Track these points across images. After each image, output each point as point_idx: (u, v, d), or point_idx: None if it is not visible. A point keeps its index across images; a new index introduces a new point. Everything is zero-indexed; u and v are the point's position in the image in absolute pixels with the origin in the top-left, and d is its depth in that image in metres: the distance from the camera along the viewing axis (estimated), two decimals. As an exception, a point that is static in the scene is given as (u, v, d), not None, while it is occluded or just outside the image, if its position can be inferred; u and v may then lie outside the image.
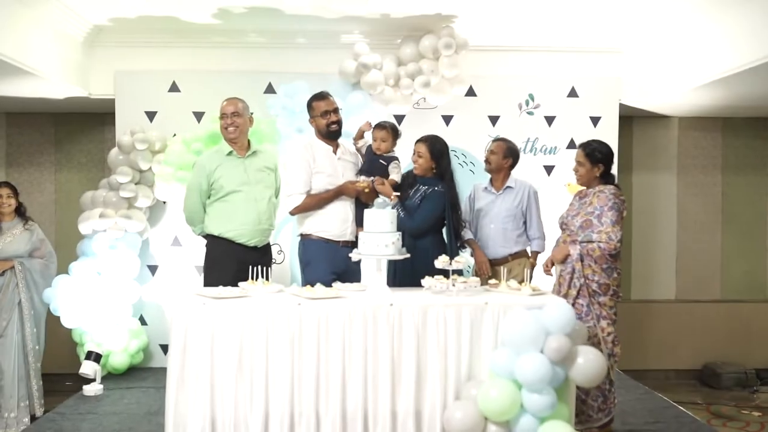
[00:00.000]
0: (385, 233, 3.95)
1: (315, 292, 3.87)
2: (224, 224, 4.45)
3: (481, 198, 4.85)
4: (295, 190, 4.44)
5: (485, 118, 6.05)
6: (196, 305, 3.71)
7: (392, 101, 5.58)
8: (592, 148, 4.40)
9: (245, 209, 4.47)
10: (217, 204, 4.48)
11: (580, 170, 4.41)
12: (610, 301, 4.28)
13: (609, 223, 4.19)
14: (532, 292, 4.00)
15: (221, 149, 4.54)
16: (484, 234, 4.78)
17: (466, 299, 3.84)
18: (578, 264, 4.23)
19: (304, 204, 4.44)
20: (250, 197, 4.48)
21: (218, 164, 4.46)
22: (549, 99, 6.07)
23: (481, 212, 4.81)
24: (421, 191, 4.48)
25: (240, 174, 4.48)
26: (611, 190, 4.31)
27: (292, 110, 5.45)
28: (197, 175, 4.50)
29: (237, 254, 4.40)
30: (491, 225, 4.75)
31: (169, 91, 5.89)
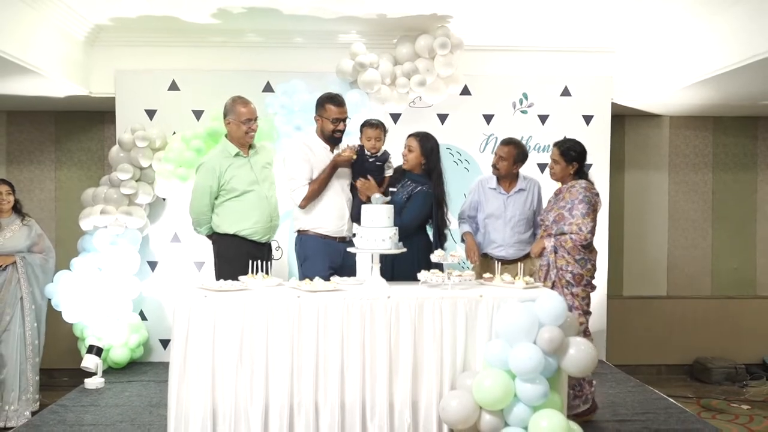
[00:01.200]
0: (382, 228, 4.03)
1: (314, 285, 3.96)
2: (239, 223, 4.55)
3: (490, 200, 4.79)
4: (298, 183, 4.51)
5: (480, 117, 6.12)
6: (198, 298, 3.79)
7: (388, 100, 5.66)
8: (567, 147, 4.53)
9: (259, 208, 4.58)
10: (229, 204, 4.56)
11: (555, 168, 4.54)
12: (583, 292, 4.39)
13: (579, 216, 4.31)
14: (526, 286, 4.10)
15: (227, 150, 4.59)
16: (497, 237, 4.74)
17: (461, 292, 3.93)
18: (552, 255, 4.36)
19: (310, 192, 4.50)
20: (261, 195, 4.59)
21: (228, 165, 4.53)
22: (542, 98, 6.14)
23: (492, 216, 4.76)
24: (408, 188, 4.53)
25: (249, 173, 4.57)
26: (582, 184, 4.43)
27: (290, 108, 5.52)
28: (207, 177, 4.53)
29: (249, 251, 4.47)
30: (505, 230, 4.73)
31: (168, 89, 5.95)
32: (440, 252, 4.19)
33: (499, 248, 4.76)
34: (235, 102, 4.63)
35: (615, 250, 6.73)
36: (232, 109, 4.60)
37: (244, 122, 4.56)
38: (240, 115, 4.57)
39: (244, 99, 4.66)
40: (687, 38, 5.48)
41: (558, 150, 4.51)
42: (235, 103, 4.62)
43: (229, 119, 4.60)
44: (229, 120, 4.60)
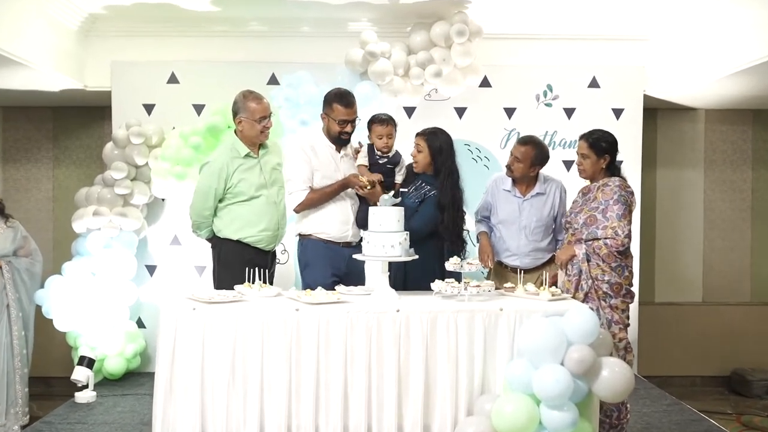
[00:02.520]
0: (392, 233, 3.64)
1: (314, 297, 3.57)
2: (244, 230, 4.19)
3: (503, 203, 4.35)
4: (296, 187, 4.16)
5: (500, 111, 5.77)
6: (186, 310, 3.44)
7: (402, 92, 5.28)
8: (596, 138, 4.09)
9: (267, 215, 4.22)
10: (234, 208, 4.20)
11: (584, 163, 4.10)
12: (623, 303, 3.96)
13: (615, 218, 3.88)
14: (551, 297, 3.68)
15: (236, 149, 4.20)
16: (511, 245, 4.32)
17: (479, 305, 3.53)
18: (585, 264, 3.92)
19: (308, 200, 4.15)
20: (270, 201, 4.23)
21: (237, 167, 4.16)
22: (568, 90, 5.77)
23: (505, 222, 4.33)
24: (422, 191, 4.15)
25: (258, 176, 4.21)
26: (616, 182, 4.00)
27: (295, 102, 5.16)
28: (212, 179, 4.16)
29: (251, 258, 4.13)
30: (519, 237, 4.30)
31: (167, 82, 5.66)
32: (456, 259, 3.78)
33: (513, 257, 4.32)
34: (247, 98, 4.22)
35: (647, 253, 6.33)
36: (244, 106, 4.20)
37: (259, 120, 4.17)
38: (254, 113, 4.17)
39: (257, 94, 4.27)
40: (726, 25, 5.07)
41: (586, 142, 4.07)
42: (246, 99, 4.21)
43: (241, 117, 4.20)
44: (241, 118, 4.20)
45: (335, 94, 4.18)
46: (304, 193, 4.14)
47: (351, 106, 4.16)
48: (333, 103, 4.14)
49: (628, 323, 4.01)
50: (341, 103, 4.14)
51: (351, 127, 4.18)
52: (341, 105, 4.13)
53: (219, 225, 4.26)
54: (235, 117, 4.22)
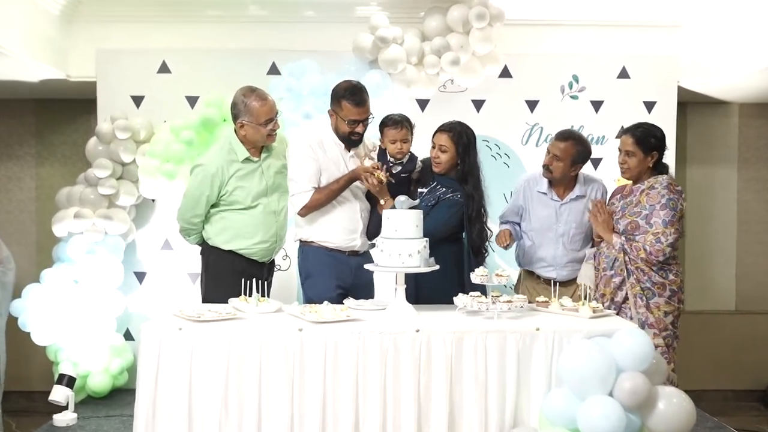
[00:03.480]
0: (410, 240, 3.17)
1: (320, 314, 3.10)
2: (236, 241, 3.76)
3: (538, 207, 3.89)
4: (301, 188, 3.69)
5: (522, 103, 5.32)
6: (171, 330, 2.98)
7: (415, 82, 4.82)
8: (644, 132, 3.63)
9: (265, 226, 3.79)
10: (227, 215, 3.77)
11: (630, 162, 3.64)
12: (667, 305, 3.49)
13: (660, 224, 3.44)
14: (593, 314, 3.20)
15: (234, 152, 3.74)
16: (546, 254, 3.86)
17: (511, 323, 3.07)
18: (622, 255, 3.44)
19: (314, 200, 3.68)
20: (269, 210, 3.79)
21: (233, 172, 3.71)
22: (596, 81, 5.34)
23: (540, 229, 3.87)
24: (437, 193, 3.67)
25: (257, 183, 3.77)
26: (664, 183, 3.54)
27: (298, 93, 4.72)
28: (203, 184, 3.71)
29: (245, 269, 3.69)
30: (557, 246, 3.84)
31: (158, 72, 5.21)
32: (482, 271, 3.31)
33: (549, 268, 3.86)
34: (248, 98, 3.73)
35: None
36: (246, 107, 3.72)
37: (264, 124, 3.70)
38: (258, 116, 3.70)
39: (260, 92, 3.79)
40: (765, 11, 4.65)
41: (632, 137, 3.61)
42: (248, 99, 3.73)
43: (243, 121, 3.73)
44: (243, 122, 3.73)
45: (344, 90, 3.67)
46: (308, 194, 3.67)
47: (363, 104, 3.66)
48: (342, 101, 3.65)
49: (670, 330, 3.52)
50: (351, 101, 3.64)
51: (362, 128, 3.71)
52: (351, 103, 3.64)
53: (209, 232, 3.81)
54: (235, 120, 3.75)
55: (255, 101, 3.71)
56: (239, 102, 3.74)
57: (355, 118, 3.65)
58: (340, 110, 3.66)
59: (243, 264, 3.74)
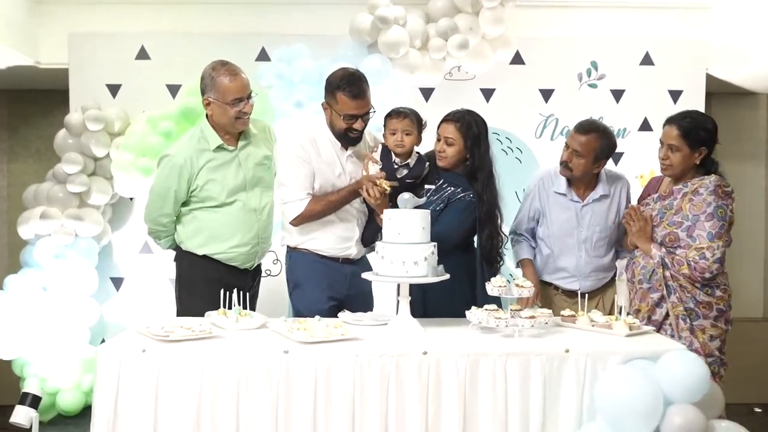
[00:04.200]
0: (415, 245, 2.72)
1: (310, 331, 2.65)
2: (211, 244, 3.31)
3: (555, 209, 3.41)
4: (293, 195, 3.22)
5: (535, 93, 4.92)
6: (132, 353, 2.52)
7: (419, 68, 4.39)
8: (692, 124, 3.17)
9: (244, 226, 3.32)
10: (200, 214, 3.32)
11: (673, 158, 3.17)
12: (713, 327, 3.07)
13: (706, 238, 2.99)
14: (630, 332, 2.75)
15: (205, 139, 3.29)
16: (567, 263, 3.39)
17: (535, 344, 2.63)
18: (661, 270, 3.01)
19: (309, 210, 3.21)
20: (249, 207, 3.33)
21: (205, 163, 3.26)
22: (617, 68, 4.94)
23: (559, 234, 3.40)
24: (445, 193, 3.20)
25: (234, 176, 3.30)
26: (711, 185, 3.10)
27: (289, 80, 4.30)
28: (171, 178, 3.26)
29: (224, 278, 3.26)
30: (579, 254, 3.37)
31: (136, 58, 4.80)
32: (500, 281, 2.85)
33: (570, 279, 3.39)
34: (217, 71, 3.28)
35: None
36: (214, 82, 3.26)
37: (232, 103, 3.23)
38: (225, 93, 3.24)
39: (231, 67, 3.33)
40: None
41: (678, 129, 3.15)
42: (217, 72, 3.28)
43: (210, 97, 3.28)
44: (210, 98, 3.28)
45: (341, 79, 3.18)
46: (302, 203, 3.20)
47: (361, 95, 3.17)
48: (337, 92, 3.16)
49: (716, 356, 3.09)
50: (348, 93, 3.14)
51: (361, 124, 3.23)
52: (348, 95, 3.14)
53: (181, 234, 3.37)
54: (203, 96, 3.31)
55: (223, 76, 3.25)
56: (207, 76, 3.29)
57: (353, 112, 3.16)
58: (335, 103, 3.18)
59: (221, 271, 3.29)
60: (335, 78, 3.20)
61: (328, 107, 3.24)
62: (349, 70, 3.25)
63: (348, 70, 3.26)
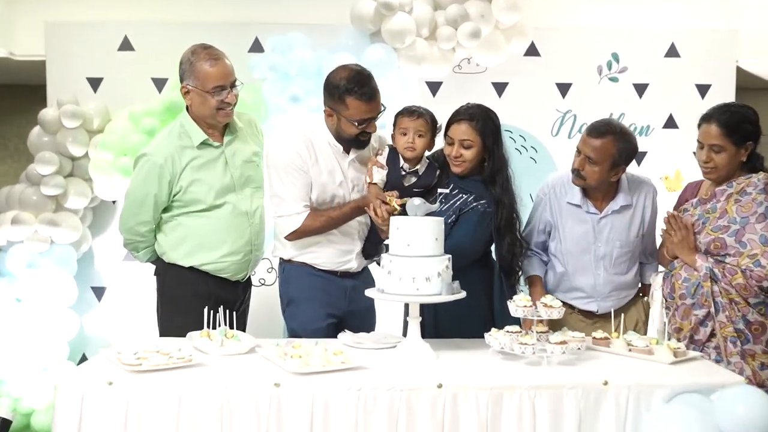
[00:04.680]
0: (427, 258, 2.36)
1: (305, 359, 2.29)
2: (198, 254, 2.95)
3: (569, 222, 2.99)
4: (289, 208, 2.85)
5: (552, 87, 4.59)
6: (97, 386, 2.15)
7: (426, 59, 4.03)
8: (733, 118, 2.83)
9: (235, 231, 2.97)
10: (185, 220, 2.96)
11: (717, 159, 2.80)
12: (765, 354, 2.69)
13: (758, 241, 2.67)
14: (675, 358, 2.38)
15: (187, 135, 2.93)
16: (583, 283, 2.99)
17: (567, 373, 2.27)
18: (708, 284, 2.66)
19: (306, 226, 2.84)
20: (239, 210, 2.97)
21: (188, 162, 2.90)
22: (640, 60, 4.63)
23: (574, 251, 2.99)
24: (456, 202, 2.82)
25: (221, 175, 2.94)
26: (760, 184, 2.77)
27: (284, 72, 3.95)
28: (149, 181, 2.90)
29: (212, 292, 2.92)
30: (597, 272, 2.97)
31: (119, 49, 4.47)
32: (524, 299, 2.49)
33: (587, 300, 2.99)
34: (198, 55, 2.92)
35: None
36: (193, 68, 2.90)
37: (213, 91, 2.86)
38: (206, 80, 2.87)
39: (213, 51, 2.96)
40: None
41: (719, 127, 2.78)
42: (196, 57, 2.92)
43: (188, 85, 2.92)
44: (188, 86, 2.92)
45: (349, 81, 2.75)
46: (299, 217, 2.83)
47: (374, 96, 2.78)
48: (347, 97, 2.76)
49: None
50: (360, 96, 2.75)
51: (373, 125, 2.86)
52: (361, 98, 2.75)
53: (163, 244, 3.01)
54: (181, 84, 2.95)
55: (204, 61, 2.88)
56: (185, 61, 2.93)
57: (367, 116, 2.78)
58: (345, 109, 2.77)
59: (209, 285, 2.94)
60: (341, 80, 2.77)
61: (333, 113, 2.82)
62: (355, 69, 2.84)
63: (353, 68, 2.84)
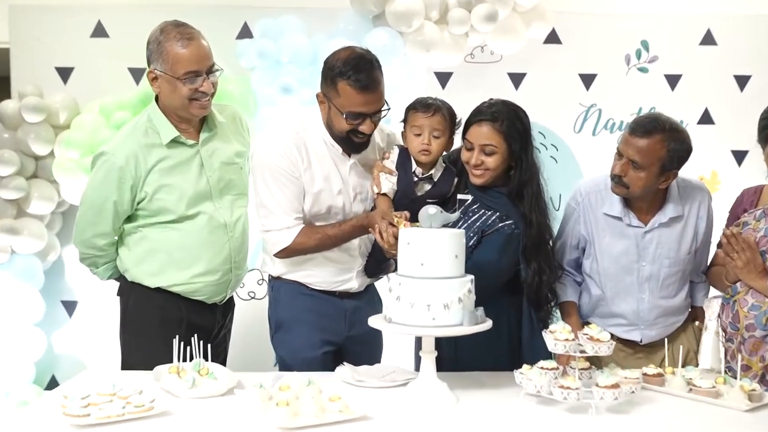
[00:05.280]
0: (445, 280, 1.92)
1: (294, 408, 1.85)
2: (169, 273, 2.52)
3: (606, 238, 2.54)
4: (278, 222, 2.42)
5: (575, 78, 4.23)
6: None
7: (435, 45, 3.64)
8: None
9: (211, 246, 2.53)
10: (152, 233, 2.52)
11: None
12: None
13: None
14: (750, 403, 1.94)
15: (155, 131, 2.48)
16: (624, 308, 2.54)
17: (619, 424, 1.83)
18: None
19: (298, 244, 2.42)
20: (216, 223, 2.52)
21: (154, 164, 2.46)
22: (672, 48, 4.32)
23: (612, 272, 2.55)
24: (479, 219, 2.37)
25: (196, 180, 2.50)
26: None
27: (275, 59, 3.57)
28: (108, 185, 2.45)
29: (183, 318, 2.51)
30: (641, 296, 2.52)
31: (92, 36, 4.14)
32: (564, 331, 2.05)
33: (629, 328, 2.53)
34: (167, 34, 2.46)
35: None
36: (161, 49, 2.45)
37: (185, 78, 2.40)
38: (177, 63, 2.41)
39: (187, 29, 2.50)
40: None
41: None
42: (166, 36, 2.46)
43: (156, 70, 2.47)
44: (156, 71, 2.47)
45: (344, 62, 2.34)
46: (291, 232, 2.41)
47: (372, 87, 2.33)
48: (338, 81, 2.33)
49: None
50: (354, 82, 2.31)
51: (370, 125, 2.39)
52: (354, 85, 2.31)
53: (125, 260, 2.57)
54: (149, 67, 2.51)
55: (175, 40, 2.43)
56: (153, 40, 2.49)
57: (359, 109, 2.34)
58: (336, 95, 2.35)
59: (180, 308, 2.51)
60: (336, 60, 2.36)
61: (324, 100, 2.41)
62: (358, 51, 2.39)
63: (356, 50, 2.40)
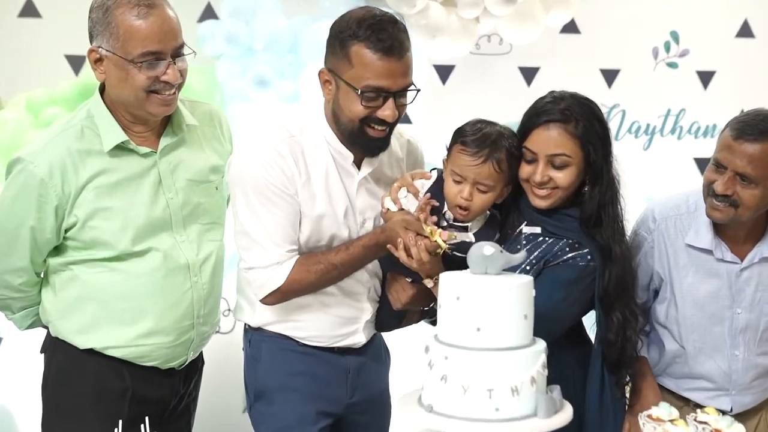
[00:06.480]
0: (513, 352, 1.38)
1: None
2: (102, 330, 1.93)
3: (689, 276, 2.03)
4: (267, 257, 1.85)
5: (596, 73, 3.96)
6: None
7: (442, 31, 3.21)
8: None
9: (164, 296, 1.92)
10: (84, 273, 1.92)
11: None
12: None
13: None
14: None
15: (95, 133, 1.88)
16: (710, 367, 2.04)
17: None
18: None
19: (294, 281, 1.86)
20: (175, 262, 1.92)
21: (89, 179, 1.86)
22: (705, 42, 4.06)
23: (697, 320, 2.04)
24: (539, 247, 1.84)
25: (148, 203, 1.90)
26: None
27: (246, 46, 3.07)
28: (23, 204, 1.88)
29: (126, 390, 1.95)
30: (733, 351, 2.02)
31: (20, 15, 3.72)
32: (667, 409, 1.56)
33: (716, 394, 2.01)
34: (119, 3, 1.84)
35: None
36: (109, 18, 1.83)
37: (142, 61, 1.79)
38: (130, 40, 1.79)
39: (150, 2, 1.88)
40: None
41: None
42: (116, 4, 1.84)
43: (101, 48, 1.85)
44: (101, 50, 1.85)
45: (359, 22, 1.79)
46: (283, 268, 1.84)
47: (399, 51, 1.78)
48: (352, 44, 1.78)
49: None
50: (376, 45, 1.76)
51: (393, 110, 1.81)
52: (375, 49, 1.76)
53: (49, 309, 1.98)
54: (91, 45, 1.90)
55: (129, 9, 1.80)
56: (98, 5, 1.87)
57: (381, 83, 1.77)
58: (348, 66, 1.79)
59: (124, 377, 1.92)
60: (349, 20, 1.82)
61: (331, 78, 1.84)
62: (375, 11, 1.83)
63: (371, 10, 1.84)
